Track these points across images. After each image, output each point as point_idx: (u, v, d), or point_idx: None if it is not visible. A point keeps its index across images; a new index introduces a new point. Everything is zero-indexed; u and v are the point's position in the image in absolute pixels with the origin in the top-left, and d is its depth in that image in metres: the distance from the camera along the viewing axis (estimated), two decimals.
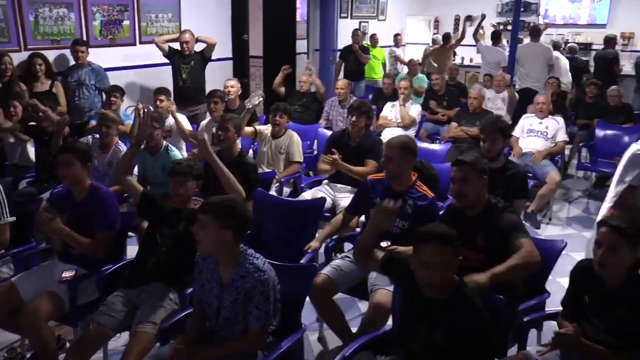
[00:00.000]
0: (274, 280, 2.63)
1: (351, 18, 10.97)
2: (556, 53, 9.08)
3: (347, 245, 3.88)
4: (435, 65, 9.82)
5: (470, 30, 10.00)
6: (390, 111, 6.71)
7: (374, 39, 10.30)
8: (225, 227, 2.53)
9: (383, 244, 3.09)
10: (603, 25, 11.66)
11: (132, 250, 3.68)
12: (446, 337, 2.28)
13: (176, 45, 6.79)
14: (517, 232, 2.87)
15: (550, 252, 3.14)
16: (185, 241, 3.00)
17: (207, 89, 6.22)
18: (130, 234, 4.17)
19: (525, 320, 2.84)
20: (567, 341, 2.43)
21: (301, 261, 3.41)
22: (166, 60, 6.86)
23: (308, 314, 3.53)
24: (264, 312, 2.55)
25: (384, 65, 10.53)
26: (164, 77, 6.91)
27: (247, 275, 2.57)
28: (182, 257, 3.07)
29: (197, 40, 6.83)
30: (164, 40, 6.82)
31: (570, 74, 8.95)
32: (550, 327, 3.01)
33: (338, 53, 9.81)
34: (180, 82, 6.75)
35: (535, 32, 8.37)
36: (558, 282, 3.61)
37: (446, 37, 10.02)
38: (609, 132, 6.58)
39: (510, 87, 7.48)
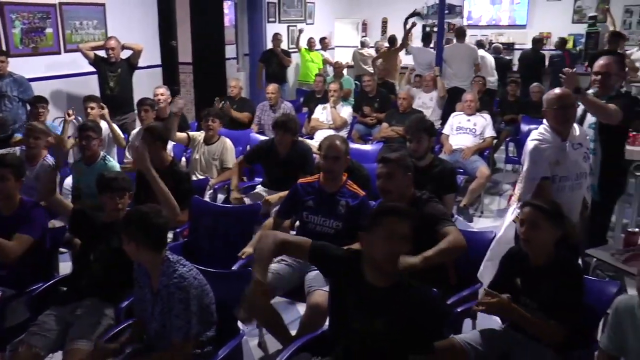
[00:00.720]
0: (197, 289, 2.57)
1: (279, 22, 10.97)
2: (482, 52, 9.37)
3: None
4: (370, 68, 9.92)
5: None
6: (322, 113, 6.77)
7: (310, 42, 10.35)
8: (131, 240, 2.55)
9: None
10: (523, 26, 12.18)
11: (64, 267, 3.56)
12: (389, 325, 2.30)
13: (103, 53, 6.61)
14: (442, 222, 3.00)
15: (480, 243, 3.28)
16: (120, 255, 2.92)
17: (136, 97, 6.08)
18: (62, 250, 4.03)
19: (459, 310, 2.91)
20: (498, 305, 2.58)
21: (233, 267, 3.37)
22: (94, 69, 6.66)
23: None
24: (185, 322, 2.49)
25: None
26: (93, 86, 6.69)
27: (169, 284, 2.54)
28: (117, 272, 2.99)
29: (124, 47, 6.68)
30: (89, 47, 6.63)
31: (496, 72, 9.23)
32: (485, 317, 3.11)
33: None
34: (108, 91, 6.56)
35: (461, 33, 8.63)
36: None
37: (392, 40, 10.10)
38: (532, 126, 6.80)
39: (439, 76, 7.63)
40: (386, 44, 10.30)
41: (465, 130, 6.25)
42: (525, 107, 7.51)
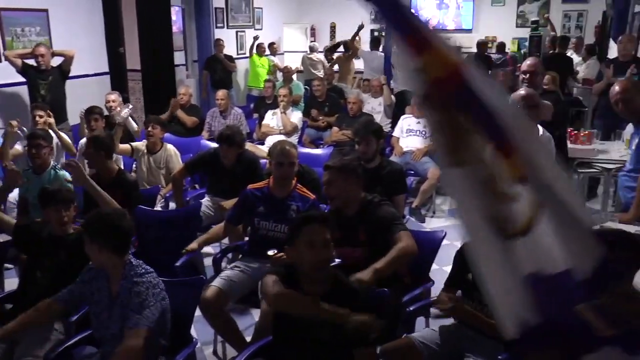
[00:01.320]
0: (156, 289, 2.55)
1: (227, 28, 10.90)
2: None
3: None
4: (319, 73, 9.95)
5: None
6: (272, 119, 6.76)
7: (261, 47, 10.33)
8: (93, 242, 2.52)
9: (270, 252, 3.10)
10: (469, 30, 12.47)
11: (9, 283, 3.44)
12: (333, 330, 2.31)
13: (32, 61, 6.34)
14: (395, 226, 3.03)
15: (431, 243, 3.33)
16: (68, 270, 2.86)
17: (85, 106, 5.89)
18: (7, 265, 3.90)
19: (411, 309, 2.94)
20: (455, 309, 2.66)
21: (177, 264, 3.36)
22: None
23: (202, 328, 3.46)
24: (137, 314, 2.44)
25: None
26: None
27: (128, 285, 2.51)
28: (65, 286, 2.85)
29: (54, 54, 6.46)
30: (15, 54, 6.35)
31: None
32: (438, 314, 3.16)
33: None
34: (39, 99, 6.23)
35: None
36: (443, 270, 3.77)
37: (346, 45, 10.15)
38: None
39: (386, 85, 7.69)
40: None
41: (415, 133, 6.32)
42: None
